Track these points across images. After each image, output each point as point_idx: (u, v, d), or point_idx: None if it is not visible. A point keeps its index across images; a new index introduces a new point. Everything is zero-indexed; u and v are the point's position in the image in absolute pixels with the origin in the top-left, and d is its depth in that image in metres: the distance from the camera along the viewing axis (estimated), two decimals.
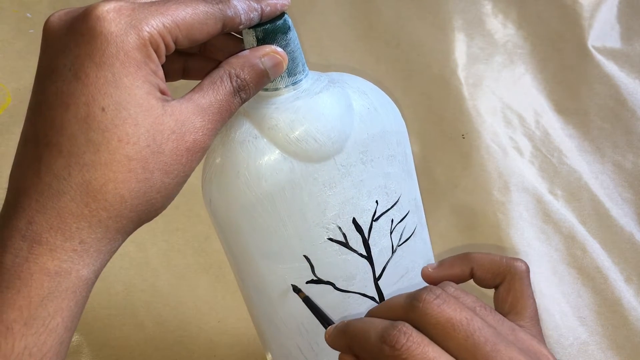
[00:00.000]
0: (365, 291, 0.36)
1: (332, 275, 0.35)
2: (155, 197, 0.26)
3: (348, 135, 0.32)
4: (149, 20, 0.25)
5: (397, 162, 0.35)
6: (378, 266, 0.36)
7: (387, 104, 0.35)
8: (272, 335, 0.39)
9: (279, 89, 0.32)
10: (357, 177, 0.33)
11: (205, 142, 0.27)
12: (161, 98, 0.26)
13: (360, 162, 0.33)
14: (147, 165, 0.25)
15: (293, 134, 0.31)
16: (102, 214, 0.25)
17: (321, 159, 0.32)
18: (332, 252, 0.34)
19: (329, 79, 0.33)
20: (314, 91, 0.32)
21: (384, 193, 0.35)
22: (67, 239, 0.24)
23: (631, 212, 0.61)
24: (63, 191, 0.24)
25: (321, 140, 0.31)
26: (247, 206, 0.32)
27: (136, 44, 0.25)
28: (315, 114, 0.31)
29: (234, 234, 0.34)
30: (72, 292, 0.25)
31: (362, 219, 0.34)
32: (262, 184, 0.32)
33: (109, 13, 0.24)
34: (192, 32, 0.26)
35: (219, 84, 0.28)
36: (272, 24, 0.30)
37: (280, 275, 0.35)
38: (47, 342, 0.24)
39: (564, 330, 0.52)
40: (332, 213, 0.33)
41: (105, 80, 0.24)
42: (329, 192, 0.33)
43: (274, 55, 0.29)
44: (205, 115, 0.27)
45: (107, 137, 0.24)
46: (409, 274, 0.38)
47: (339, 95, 0.32)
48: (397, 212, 0.36)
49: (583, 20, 0.68)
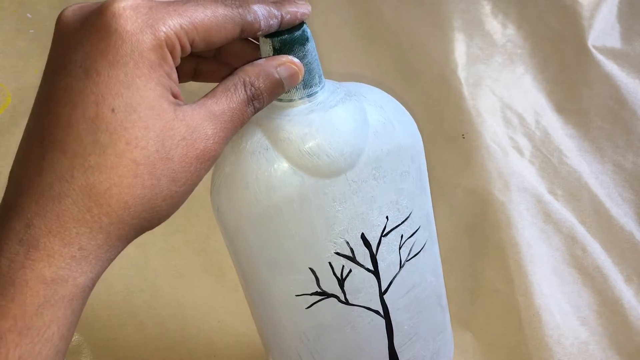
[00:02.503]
0: (370, 305, 0.36)
1: (337, 289, 0.35)
2: (160, 205, 0.25)
3: (362, 150, 0.31)
4: (166, 20, 0.24)
5: (410, 178, 0.34)
6: (384, 281, 0.35)
7: (404, 118, 0.35)
8: (274, 342, 0.39)
9: (294, 100, 0.31)
10: (369, 193, 0.33)
11: (216, 151, 0.26)
12: (173, 102, 0.25)
13: (373, 178, 0.32)
14: (155, 172, 0.24)
15: (305, 147, 0.30)
16: (104, 219, 0.24)
17: (332, 175, 0.31)
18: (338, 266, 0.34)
19: (345, 91, 0.33)
20: (329, 104, 0.31)
21: (395, 209, 0.34)
22: (66, 244, 0.23)
23: (631, 212, 0.61)
24: (65, 194, 0.23)
25: (333, 155, 0.31)
26: (255, 217, 0.32)
27: (151, 44, 0.24)
28: (329, 128, 0.31)
29: (241, 242, 0.34)
30: (68, 301, 0.24)
31: (371, 235, 0.34)
32: (270, 196, 0.31)
33: (126, 10, 0.24)
34: (210, 35, 0.25)
35: (233, 91, 0.27)
36: (290, 35, 0.29)
37: (285, 285, 0.34)
38: (42, 352, 0.23)
39: (564, 330, 0.52)
40: (340, 228, 0.33)
41: (117, 80, 0.23)
42: (338, 207, 0.32)
43: (290, 66, 0.29)
44: (217, 123, 0.26)
45: (115, 140, 0.23)
46: (416, 288, 0.37)
47: (354, 109, 0.32)
48: (408, 228, 0.35)
49: (583, 20, 0.68)
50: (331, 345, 0.37)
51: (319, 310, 0.35)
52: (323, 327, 0.36)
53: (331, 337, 0.37)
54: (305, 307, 0.35)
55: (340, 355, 0.38)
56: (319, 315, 0.35)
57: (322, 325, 0.36)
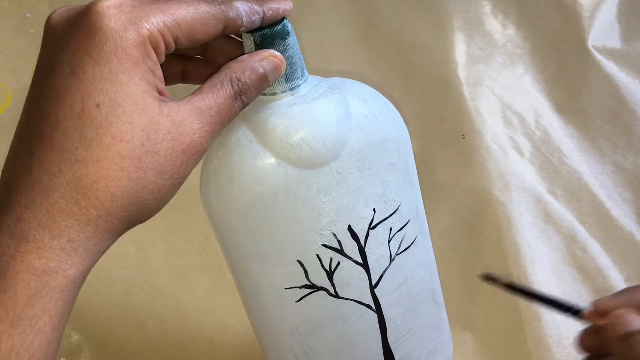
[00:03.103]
0: (361, 299, 0.36)
1: (326, 282, 0.35)
2: (147, 198, 0.25)
3: (344, 142, 0.32)
4: (149, 17, 0.25)
5: (397, 170, 0.35)
6: (374, 274, 0.36)
7: (388, 111, 0.35)
8: (267, 339, 0.39)
9: (277, 93, 0.32)
10: (354, 185, 0.33)
11: (203, 145, 0.27)
12: (158, 97, 0.25)
13: (357, 169, 0.33)
14: (141, 165, 0.25)
15: (287, 139, 0.31)
16: (92, 212, 0.24)
17: (315, 166, 0.32)
18: (326, 258, 0.34)
19: (329, 84, 0.33)
20: (312, 97, 0.32)
21: (382, 201, 0.34)
22: (55, 237, 0.24)
23: (631, 212, 0.61)
24: (53, 187, 0.24)
25: (316, 146, 0.31)
26: (241, 209, 0.32)
27: (135, 41, 0.24)
28: (311, 120, 0.31)
29: (230, 235, 0.34)
30: (59, 292, 0.24)
31: (358, 227, 0.34)
32: (255, 188, 0.32)
33: (110, 9, 0.24)
34: (193, 31, 0.26)
35: (219, 87, 0.27)
36: (271, 29, 0.30)
37: (274, 278, 0.35)
38: (34, 343, 0.24)
39: (564, 330, 0.52)
40: (326, 219, 0.33)
41: (101, 77, 0.24)
42: (323, 198, 0.32)
43: (273, 59, 0.29)
44: (203, 118, 0.26)
45: (101, 134, 0.24)
46: (408, 283, 0.38)
47: (337, 101, 0.32)
48: (396, 221, 0.35)
49: (583, 20, 0.68)
50: (323, 340, 0.37)
51: (309, 304, 0.35)
52: (314, 321, 0.36)
53: (323, 331, 0.37)
54: (295, 301, 0.35)
55: (333, 351, 0.38)
56: (310, 309, 0.36)
57: (313, 319, 0.36)
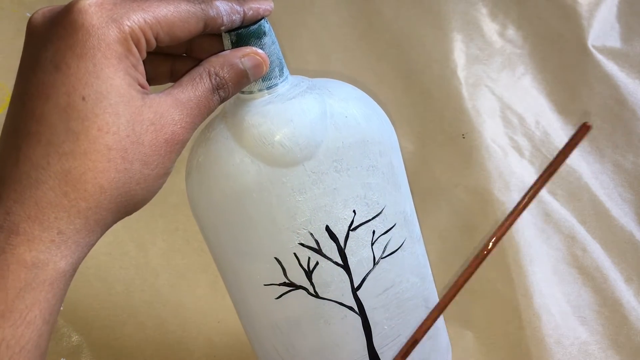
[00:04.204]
0: (343, 300, 0.36)
1: (305, 281, 0.35)
2: (134, 189, 0.26)
3: (319, 142, 0.32)
4: (130, 15, 0.25)
5: (379, 173, 0.34)
6: (357, 276, 0.36)
7: (372, 114, 0.35)
8: (252, 333, 0.39)
9: (254, 92, 0.32)
10: (330, 185, 0.33)
11: (184, 135, 0.27)
12: (141, 91, 0.26)
13: (334, 170, 0.33)
14: (127, 156, 0.25)
15: (260, 137, 0.31)
16: (81, 204, 0.25)
17: (288, 165, 0.32)
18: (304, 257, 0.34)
19: (309, 85, 0.33)
20: (288, 97, 0.32)
21: (364, 203, 0.34)
22: (45, 229, 0.24)
23: (631, 212, 0.61)
24: (41, 180, 0.24)
25: (288, 146, 0.31)
26: (219, 205, 0.33)
27: (117, 37, 0.25)
28: (284, 119, 0.32)
29: (211, 230, 0.35)
30: (49, 285, 0.24)
31: (337, 228, 0.34)
32: (230, 184, 0.32)
33: (91, 7, 0.25)
34: (174, 29, 0.27)
35: (198, 80, 0.28)
36: (246, 29, 0.30)
37: (253, 274, 0.35)
38: (25, 335, 0.24)
39: (564, 330, 0.52)
40: (302, 218, 0.33)
41: (86, 71, 0.24)
42: (298, 197, 0.33)
43: (254, 57, 0.30)
44: (183, 109, 0.27)
45: (87, 126, 0.24)
46: (395, 287, 0.37)
47: (313, 101, 0.32)
48: (380, 224, 0.35)
49: (583, 20, 0.68)
50: (305, 339, 0.37)
51: (288, 302, 0.35)
52: (294, 319, 0.36)
53: (304, 330, 0.37)
54: (275, 298, 0.35)
55: (315, 350, 0.38)
56: (290, 307, 0.36)
57: (293, 318, 0.36)
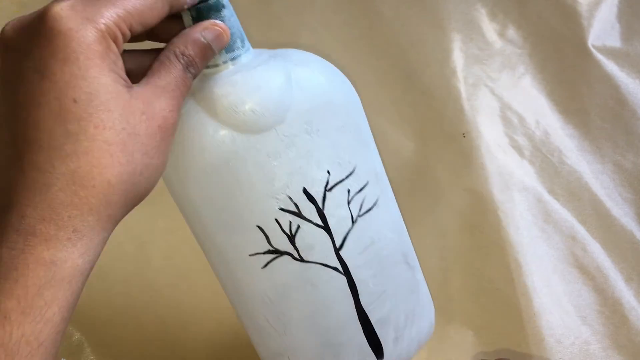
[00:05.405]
0: (327, 261, 0.36)
1: (288, 246, 0.35)
2: (139, 180, 0.27)
3: (288, 106, 0.33)
4: (103, 12, 0.26)
5: (348, 132, 0.35)
6: (337, 236, 0.36)
7: (334, 76, 0.36)
8: (242, 310, 0.39)
9: (219, 65, 0.33)
10: (303, 148, 0.34)
11: (174, 118, 0.28)
12: (125, 85, 0.27)
13: (305, 132, 0.34)
14: (126, 148, 0.26)
15: (230, 106, 0.32)
16: (92, 201, 0.25)
17: (261, 130, 0.33)
18: (286, 222, 0.35)
19: (270, 54, 0.34)
20: (252, 65, 0.33)
21: (336, 163, 0.35)
22: (60, 228, 0.25)
23: (631, 212, 0.61)
24: (50, 183, 0.25)
25: (259, 111, 0.32)
26: (197, 180, 0.33)
27: (95, 37, 0.25)
28: (252, 86, 0.32)
29: (190, 208, 0.35)
30: (67, 282, 0.25)
31: (313, 189, 0.35)
32: (206, 157, 0.32)
33: (63, 11, 0.25)
34: (144, 17, 0.27)
35: (168, 64, 0.29)
36: (205, 3, 0.31)
37: (237, 245, 0.35)
38: (43, 331, 0.24)
39: (565, 330, 0.52)
40: (280, 183, 0.34)
41: (72, 74, 0.25)
42: (274, 162, 0.33)
43: (214, 28, 0.31)
44: (166, 94, 0.28)
45: (84, 126, 0.25)
46: (375, 245, 0.38)
47: (277, 68, 0.33)
48: (354, 183, 0.36)
49: (583, 20, 0.68)
50: (295, 305, 0.37)
51: (275, 269, 0.36)
52: (282, 286, 0.37)
53: (293, 296, 0.37)
54: (261, 267, 0.36)
55: (306, 316, 0.38)
56: (276, 275, 0.36)
57: (281, 285, 0.37)
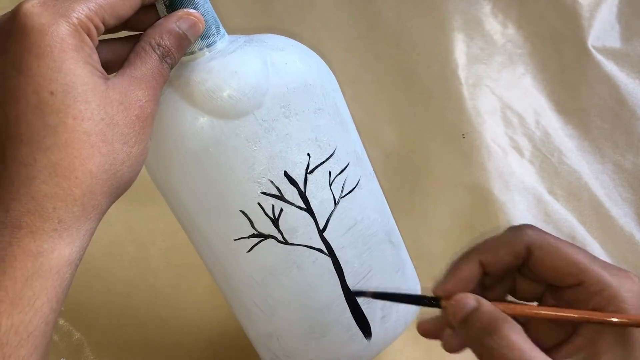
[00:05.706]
0: (311, 243, 0.37)
1: (272, 229, 0.36)
2: (121, 169, 0.27)
3: (265, 90, 0.33)
4: (74, 7, 0.26)
5: (326, 115, 0.36)
6: (321, 218, 0.36)
7: (309, 59, 0.36)
8: (230, 295, 0.40)
9: (195, 52, 0.33)
10: (282, 131, 0.34)
11: (151, 108, 0.29)
12: (101, 77, 0.27)
13: (283, 116, 0.34)
14: (106, 138, 0.26)
15: (208, 93, 0.32)
16: (75, 191, 0.25)
17: (240, 115, 0.33)
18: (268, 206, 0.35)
19: (245, 39, 0.35)
20: (228, 51, 0.33)
21: (316, 146, 0.35)
22: (45, 220, 0.25)
23: (631, 212, 0.61)
24: (32, 175, 0.25)
25: (236, 96, 0.32)
26: (178, 167, 0.34)
27: (69, 31, 0.26)
28: (228, 72, 0.33)
29: (173, 195, 0.35)
30: (55, 273, 0.25)
31: (294, 172, 0.35)
32: (186, 144, 0.33)
33: (34, 7, 0.25)
34: (116, 10, 0.28)
35: (144, 55, 0.29)
36: None
37: (222, 231, 0.36)
38: (32, 321, 0.25)
39: None
40: (261, 167, 0.34)
41: (47, 68, 0.25)
42: (254, 147, 0.34)
43: (188, 17, 0.31)
44: (142, 85, 0.28)
45: (62, 118, 0.25)
46: (358, 225, 0.38)
47: (253, 52, 0.34)
48: (335, 164, 0.36)
49: (583, 20, 0.68)
50: (281, 287, 0.38)
51: (260, 253, 0.36)
52: (268, 269, 0.37)
53: (279, 279, 0.37)
54: (246, 251, 0.36)
55: (293, 298, 0.38)
56: (262, 258, 0.36)
57: (267, 268, 0.37)
